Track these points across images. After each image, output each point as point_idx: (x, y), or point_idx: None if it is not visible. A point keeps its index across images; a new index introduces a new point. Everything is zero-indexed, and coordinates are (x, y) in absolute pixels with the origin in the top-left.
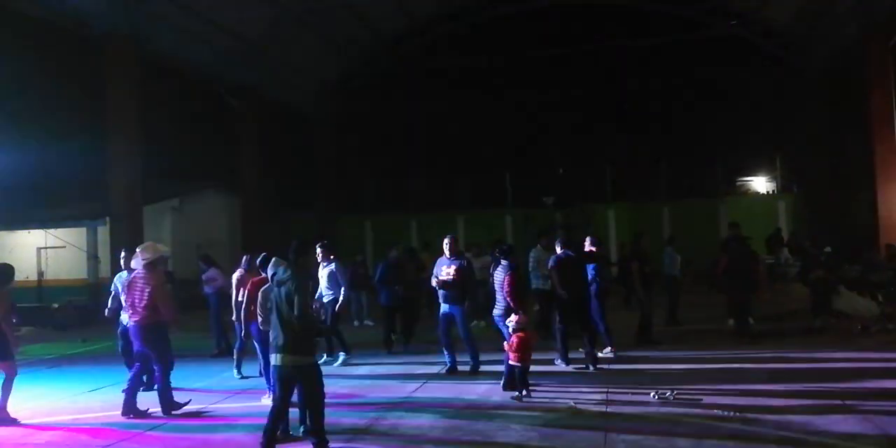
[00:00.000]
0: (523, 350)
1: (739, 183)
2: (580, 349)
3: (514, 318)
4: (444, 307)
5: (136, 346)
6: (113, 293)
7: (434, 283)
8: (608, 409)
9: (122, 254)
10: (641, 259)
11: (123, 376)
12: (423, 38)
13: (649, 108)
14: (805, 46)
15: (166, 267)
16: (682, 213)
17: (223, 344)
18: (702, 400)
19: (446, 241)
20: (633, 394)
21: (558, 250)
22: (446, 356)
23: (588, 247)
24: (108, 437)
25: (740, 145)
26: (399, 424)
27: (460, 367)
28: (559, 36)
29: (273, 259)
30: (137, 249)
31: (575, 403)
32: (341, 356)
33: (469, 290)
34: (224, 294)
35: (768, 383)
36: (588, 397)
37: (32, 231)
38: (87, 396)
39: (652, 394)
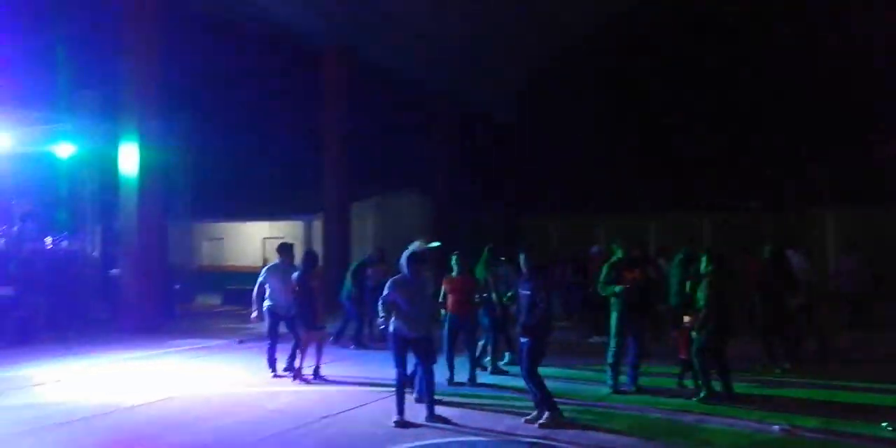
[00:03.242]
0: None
1: None
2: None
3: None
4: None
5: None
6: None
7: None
8: (827, 437)
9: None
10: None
11: (338, 353)
12: (614, 34)
13: (879, 95)
14: None
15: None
16: None
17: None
18: None
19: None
20: (860, 421)
21: None
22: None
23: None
24: (340, 403)
25: None
26: (588, 429)
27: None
28: (765, 25)
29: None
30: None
31: (791, 427)
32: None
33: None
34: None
35: None
36: (805, 421)
37: (258, 223)
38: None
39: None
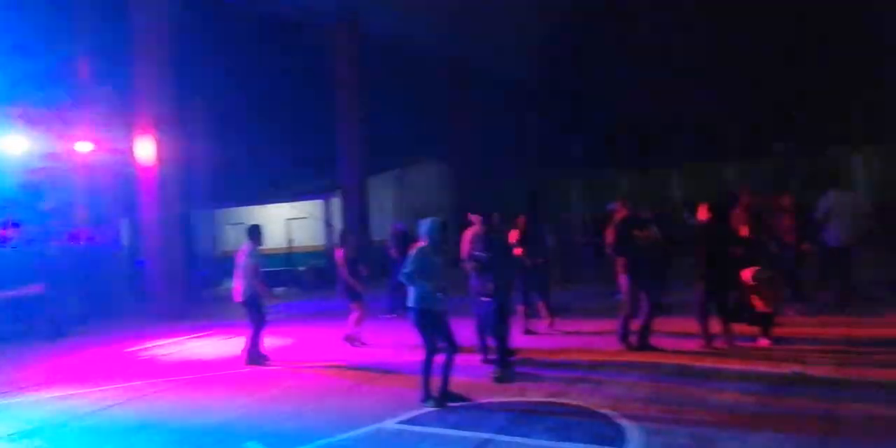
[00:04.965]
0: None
1: None
2: None
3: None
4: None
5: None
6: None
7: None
8: (841, 375)
9: None
10: None
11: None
12: None
13: None
14: None
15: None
16: None
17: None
18: None
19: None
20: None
21: None
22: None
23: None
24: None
25: None
26: (599, 385)
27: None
28: None
29: None
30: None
31: (804, 367)
32: None
33: None
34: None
35: None
36: (821, 360)
37: (279, 204)
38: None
39: None
